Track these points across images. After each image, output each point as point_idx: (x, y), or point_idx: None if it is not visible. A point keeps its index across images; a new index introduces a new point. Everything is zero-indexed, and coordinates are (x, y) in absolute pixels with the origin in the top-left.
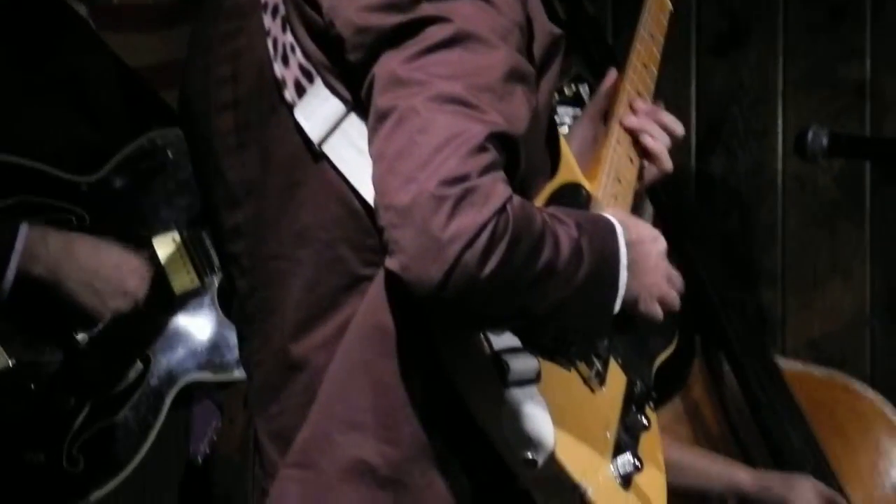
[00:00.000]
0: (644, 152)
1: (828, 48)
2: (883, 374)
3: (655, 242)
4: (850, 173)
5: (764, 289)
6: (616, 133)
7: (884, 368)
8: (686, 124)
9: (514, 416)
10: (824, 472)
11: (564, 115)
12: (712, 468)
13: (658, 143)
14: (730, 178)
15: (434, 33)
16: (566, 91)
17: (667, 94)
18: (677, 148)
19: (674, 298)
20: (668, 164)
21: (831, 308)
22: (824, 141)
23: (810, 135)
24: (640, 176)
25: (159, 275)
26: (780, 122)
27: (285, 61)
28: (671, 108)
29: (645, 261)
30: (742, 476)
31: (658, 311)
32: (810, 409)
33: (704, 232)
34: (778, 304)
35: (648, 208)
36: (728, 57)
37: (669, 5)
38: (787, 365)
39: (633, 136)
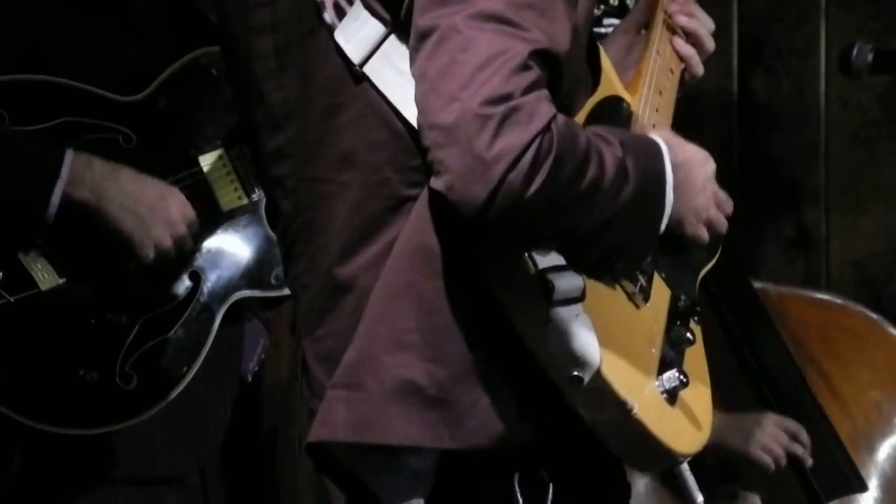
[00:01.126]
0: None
1: None
2: None
3: (704, 165)
4: (893, 91)
5: (807, 210)
6: (656, 44)
7: None
8: (728, 45)
9: (559, 335)
10: (800, 395)
11: (610, 26)
12: None
13: (688, 48)
14: (772, 99)
15: None
16: (611, 1)
17: (709, 13)
18: (719, 69)
19: (721, 221)
20: (699, 69)
21: (875, 228)
22: (869, 57)
23: (855, 51)
24: (682, 85)
25: (206, 191)
26: (822, 41)
27: None
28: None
29: (692, 182)
30: None
31: (704, 234)
32: (801, 331)
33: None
34: (822, 225)
35: None
36: None
37: None
38: (775, 289)
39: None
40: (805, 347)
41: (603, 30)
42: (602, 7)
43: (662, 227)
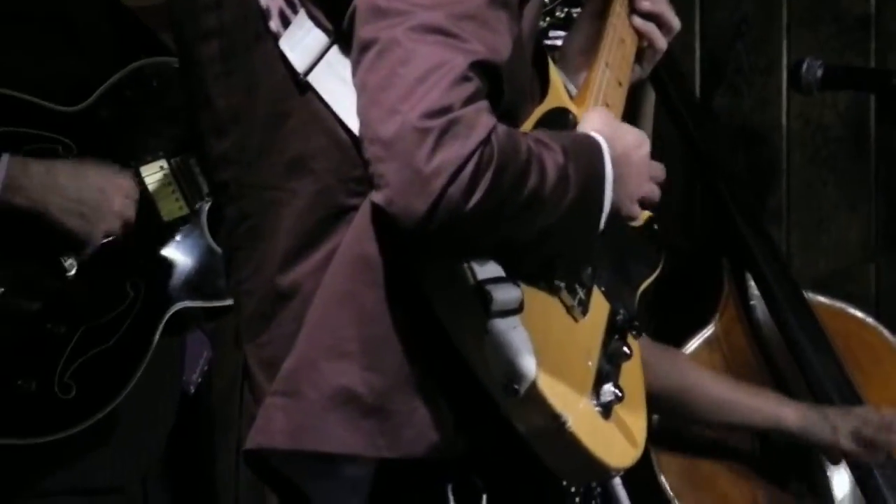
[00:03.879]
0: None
1: None
2: (888, 312)
3: (640, 148)
4: (855, 110)
5: (768, 227)
6: (605, 56)
7: (889, 306)
8: (690, 60)
9: (496, 346)
10: (853, 398)
11: (556, 39)
12: (762, 406)
13: (648, 24)
14: (734, 116)
15: None
16: (558, 14)
17: None
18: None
19: (654, 192)
20: (661, 42)
21: (836, 245)
22: (819, 72)
23: (805, 66)
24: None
25: (148, 202)
26: (784, 59)
27: None
28: (676, 44)
29: (629, 170)
30: (788, 413)
31: (639, 212)
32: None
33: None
34: (783, 242)
35: (650, 95)
36: None
37: None
38: (806, 295)
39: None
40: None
41: (549, 41)
42: (548, 19)
43: (602, 224)
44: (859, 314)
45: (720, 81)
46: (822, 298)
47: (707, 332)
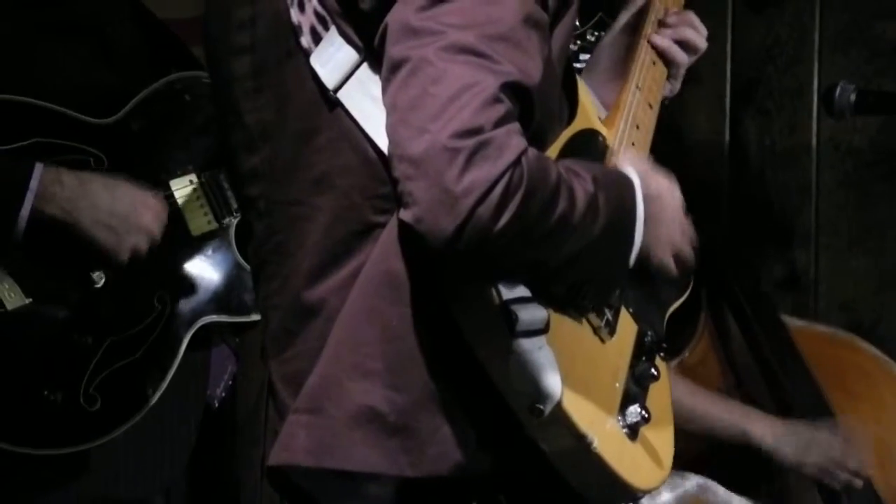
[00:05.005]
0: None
1: (865, 5)
2: None
3: (673, 195)
4: (885, 134)
5: (797, 250)
6: (636, 78)
7: None
8: (720, 84)
9: (521, 366)
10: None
11: (585, 62)
12: (729, 418)
13: (671, 46)
14: (764, 138)
15: None
16: (588, 37)
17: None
18: (712, 107)
19: (688, 253)
20: (683, 59)
21: (864, 270)
22: (852, 97)
23: (838, 91)
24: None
25: (177, 216)
26: (815, 82)
27: (301, 7)
28: (706, 65)
29: (662, 214)
30: (756, 426)
31: (672, 265)
32: (814, 365)
33: (712, 188)
34: (811, 266)
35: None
36: (764, 13)
37: None
38: (791, 322)
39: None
40: (819, 380)
41: (578, 65)
42: (579, 42)
43: (632, 261)
44: (857, 341)
45: (750, 104)
46: (817, 326)
47: (681, 358)
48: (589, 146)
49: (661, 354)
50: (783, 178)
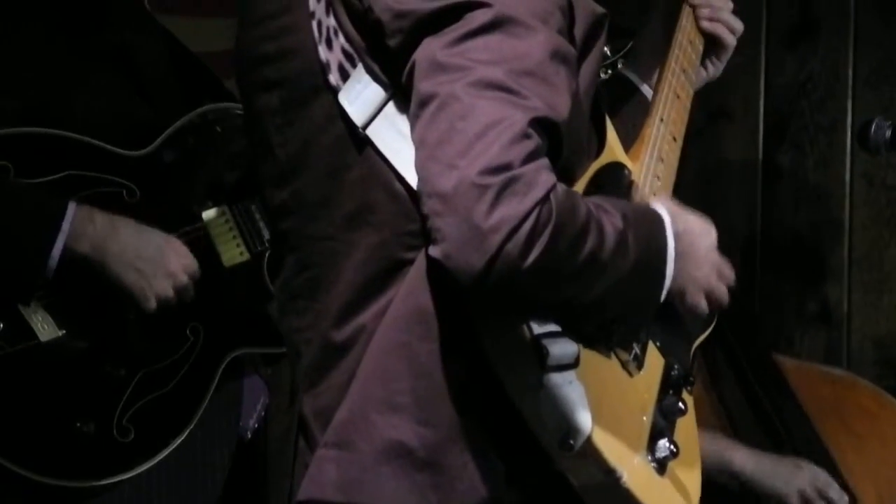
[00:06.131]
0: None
1: None
2: None
3: (706, 235)
4: None
5: (830, 286)
6: (660, 111)
7: None
8: (754, 118)
9: (551, 401)
10: (826, 466)
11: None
12: (712, 446)
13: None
14: (797, 173)
15: (474, 18)
16: (619, 66)
17: (735, 86)
18: (745, 142)
19: (722, 292)
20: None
21: None
22: (888, 133)
23: (874, 127)
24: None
25: (209, 248)
26: (849, 118)
27: (329, 44)
28: (740, 101)
29: (693, 252)
30: (737, 456)
31: (704, 304)
32: (815, 404)
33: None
34: (844, 302)
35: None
36: (798, 50)
37: None
38: (791, 362)
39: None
40: (819, 420)
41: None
42: (609, 72)
43: (662, 297)
44: (860, 381)
45: (784, 139)
46: (818, 366)
47: None
48: (615, 180)
49: (689, 389)
50: (816, 213)
